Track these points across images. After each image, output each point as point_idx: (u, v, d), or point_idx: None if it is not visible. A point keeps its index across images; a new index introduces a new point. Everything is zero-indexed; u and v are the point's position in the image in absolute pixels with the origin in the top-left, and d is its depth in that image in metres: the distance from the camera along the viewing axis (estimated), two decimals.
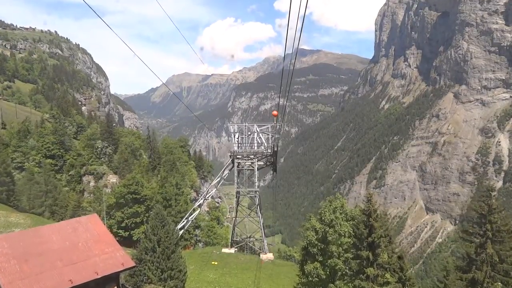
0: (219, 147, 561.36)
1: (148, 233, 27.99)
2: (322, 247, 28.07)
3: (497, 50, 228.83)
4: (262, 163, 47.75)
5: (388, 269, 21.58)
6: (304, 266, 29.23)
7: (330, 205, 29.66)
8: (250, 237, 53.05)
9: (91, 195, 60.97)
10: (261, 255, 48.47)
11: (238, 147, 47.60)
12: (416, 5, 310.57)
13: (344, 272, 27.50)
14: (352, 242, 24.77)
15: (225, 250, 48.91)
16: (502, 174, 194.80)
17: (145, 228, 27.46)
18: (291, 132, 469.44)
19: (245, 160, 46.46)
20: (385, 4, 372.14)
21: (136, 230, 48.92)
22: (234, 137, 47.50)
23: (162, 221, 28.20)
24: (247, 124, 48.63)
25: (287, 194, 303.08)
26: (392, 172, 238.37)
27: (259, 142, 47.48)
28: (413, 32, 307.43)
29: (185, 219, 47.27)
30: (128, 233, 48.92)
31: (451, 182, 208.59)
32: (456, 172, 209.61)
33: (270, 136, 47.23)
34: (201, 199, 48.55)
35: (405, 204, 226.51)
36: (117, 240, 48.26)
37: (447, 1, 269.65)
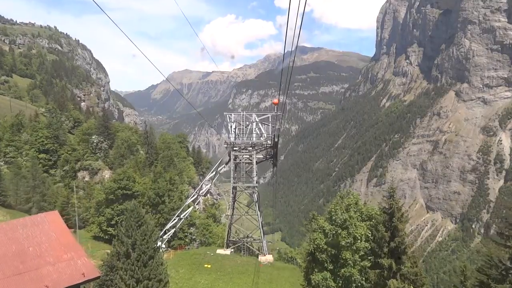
0: (219, 144, 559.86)
1: (121, 235, 23.04)
2: (333, 252, 23.70)
3: (500, 48, 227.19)
4: (261, 156, 43.89)
5: (414, 281, 17.90)
6: (311, 276, 24.71)
7: (342, 202, 25.24)
8: (247, 237, 48.74)
9: (81, 190, 58.72)
10: (259, 257, 44.73)
11: (235, 138, 43.22)
12: (418, 3, 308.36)
13: (360, 284, 23.16)
14: (369, 247, 21.57)
15: (220, 251, 45.01)
16: (504, 173, 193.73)
17: (117, 230, 22.98)
18: (292, 129, 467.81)
19: (243, 152, 42.66)
20: (386, 2, 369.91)
21: None
22: (231, 127, 43.25)
23: (139, 220, 23.22)
24: (245, 113, 44.50)
25: (287, 191, 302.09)
26: (392, 170, 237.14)
27: (258, 133, 43.32)
28: (414, 30, 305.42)
29: (176, 216, 43.63)
30: None
31: (452, 181, 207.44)
32: (457, 171, 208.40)
33: (270, 126, 43.08)
34: (195, 194, 44.66)
35: (405, 202, 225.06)
36: (107, 239, 46.41)
37: None
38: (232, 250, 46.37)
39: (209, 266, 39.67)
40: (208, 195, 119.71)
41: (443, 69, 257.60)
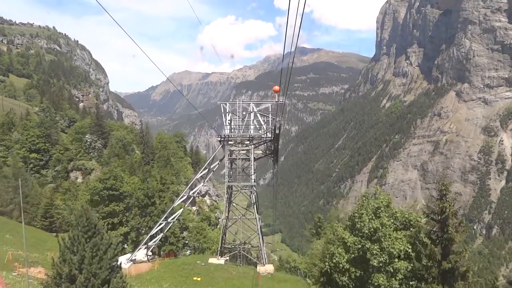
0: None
1: (63, 250, 16.96)
2: (358, 274, 17.69)
3: (500, 48, 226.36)
4: (260, 151, 38.91)
5: None
6: None
7: (368, 204, 19.01)
8: (245, 243, 42.60)
9: (67, 191, 55.92)
10: (258, 267, 38.89)
11: (231, 130, 37.73)
12: (418, 3, 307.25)
13: None
14: (411, 268, 15.97)
15: (212, 260, 39.07)
16: (505, 174, 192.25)
17: (60, 242, 16.85)
18: (292, 130, 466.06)
19: (239, 147, 37.32)
20: (386, 2, 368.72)
21: (113, 232, 42.12)
22: (225, 118, 37.88)
23: (88, 230, 17.19)
24: (241, 102, 38.79)
25: (287, 193, 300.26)
26: (393, 171, 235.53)
27: (257, 126, 37.85)
28: (414, 30, 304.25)
29: (164, 220, 38.38)
30: None
31: (453, 182, 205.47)
32: (458, 171, 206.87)
33: (270, 118, 37.14)
34: (184, 195, 39.00)
35: (406, 203, 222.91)
36: None
37: None
38: (227, 258, 40.95)
39: (198, 279, 34.15)
40: (207, 196, 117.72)
41: (443, 70, 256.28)
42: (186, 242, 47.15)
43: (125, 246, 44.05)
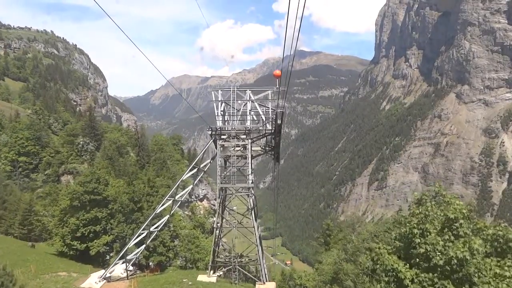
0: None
1: None
2: None
3: (500, 50, 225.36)
4: (258, 148, 32.98)
5: None
6: None
7: (435, 214, 10.77)
8: (241, 256, 35.71)
9: (47, 196, 51.43)
10: (257, 286, 31.80)
11: (224, 122, 31.29)
12: (417, 5, 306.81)
13: None
14: None
15: (201, 277, 32.11)
16: (507, 175, 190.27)
17: None
18: (291, 133, 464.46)
19: (234, 141, 31.14)
20: (385, 5, 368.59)
21: (95, 241, 38.35)
22: (217, 107, 31.46)
23: None
24: (236, 90, 32.16)
25: (287, 196, 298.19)
26: (393, 173, 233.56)
27: (255, 118, 31.72)
28: (414, 32, 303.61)
29: (143, 229, 31.98)
30: (85, 245, 38.29)
31: (454, 184, 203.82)
32: (460, 173, 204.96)
33: (270, 109, 30.84)
34: (170, 199, 32.84)
35: (407, 206, 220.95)
36: (71, 255, 37.01)
37: (448, 0, 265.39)
38: (220, 274, 34.27)
39: None
40: (205, 200, 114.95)
41: (443, 71, 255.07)
42: (177, 251, 42.34)
43: (108, 257, 40.44)
